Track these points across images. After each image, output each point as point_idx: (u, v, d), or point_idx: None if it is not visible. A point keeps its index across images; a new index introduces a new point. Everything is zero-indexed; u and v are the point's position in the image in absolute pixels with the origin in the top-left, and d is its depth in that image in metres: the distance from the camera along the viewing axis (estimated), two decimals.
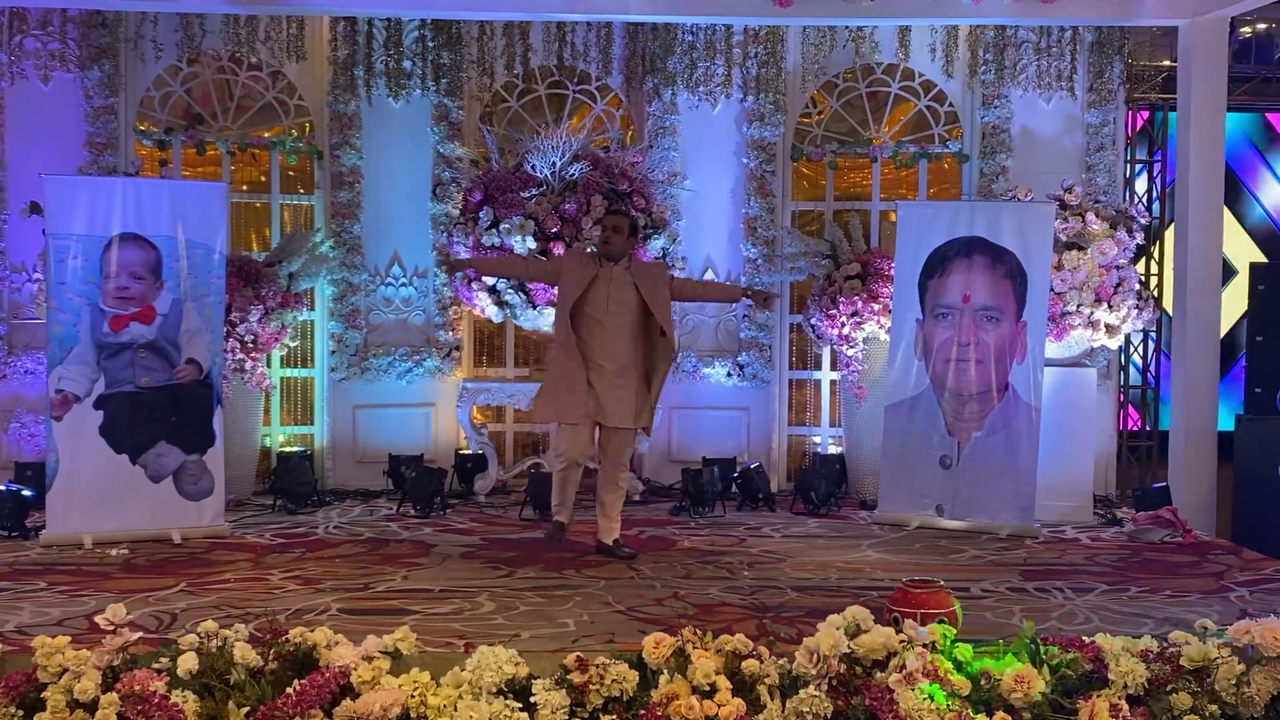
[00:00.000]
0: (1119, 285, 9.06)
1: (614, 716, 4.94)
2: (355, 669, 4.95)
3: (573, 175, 9.29)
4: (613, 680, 4.98)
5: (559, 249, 9.07)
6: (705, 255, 10.24)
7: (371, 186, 10.01)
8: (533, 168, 9.33)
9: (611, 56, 10.27)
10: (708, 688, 4.94)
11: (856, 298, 9.41)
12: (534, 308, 9.25)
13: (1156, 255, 10.76)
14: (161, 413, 8.01)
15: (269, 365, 9.77)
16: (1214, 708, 5.13)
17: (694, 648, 5.08)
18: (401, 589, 6.75)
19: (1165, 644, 5.37)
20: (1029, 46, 10.12)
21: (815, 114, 10.44)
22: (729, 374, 10.17)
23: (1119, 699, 5.06)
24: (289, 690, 4.85)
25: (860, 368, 9.61)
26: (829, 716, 4.94)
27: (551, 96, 10.35)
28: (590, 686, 4.96)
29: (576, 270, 7.59)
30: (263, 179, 10.22)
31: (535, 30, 10.15)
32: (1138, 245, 9.37)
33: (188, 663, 4.95)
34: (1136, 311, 9.22)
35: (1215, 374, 9.58)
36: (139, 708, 4.72)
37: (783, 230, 10.17)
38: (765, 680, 5.04)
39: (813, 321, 9.82)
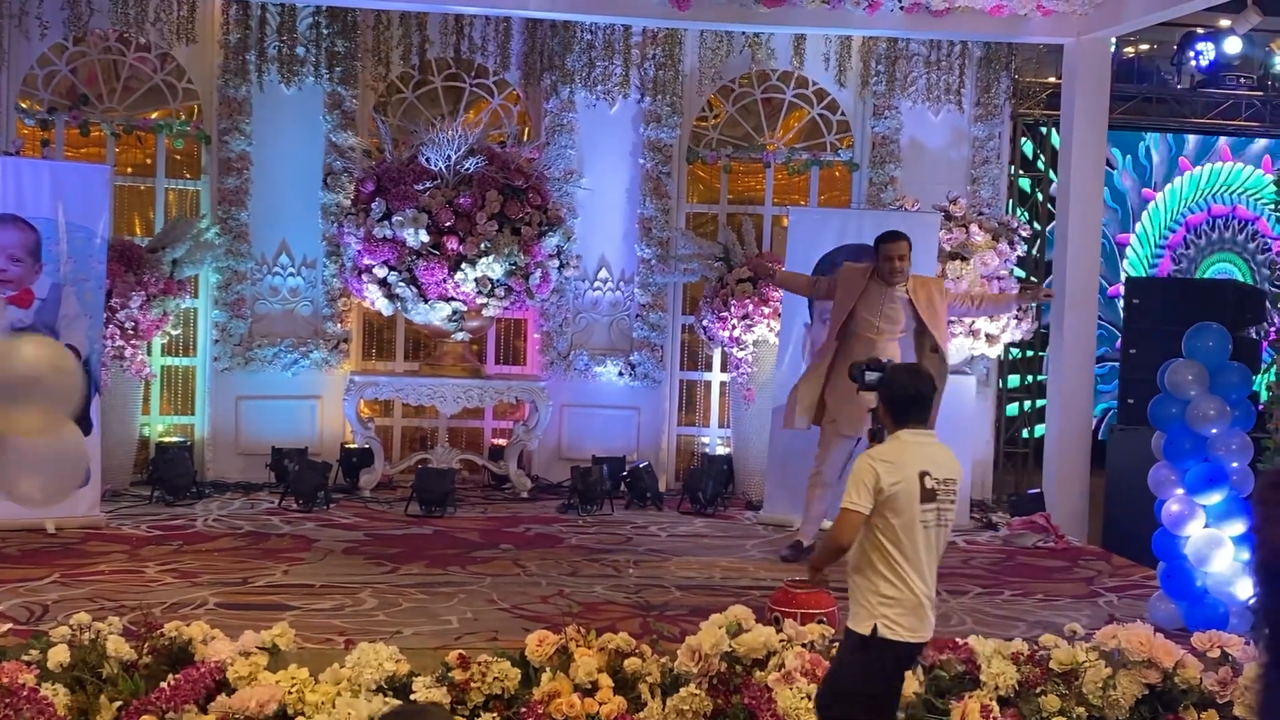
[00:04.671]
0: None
1: (495, 714, 4.95)
2: (232, 664, 4.89)
3: (468, 169, 9.24)
4: (494, 678, 4.99)
5: (452, 243, 9.02)
6: (600, 254, 10.26)
7: (260, 173, 9.84)
8: (427, 160, 9.26)
9: (510, 52, 10.23)
10: (589, 686, 4.97)
11: (748, 301, 9.50)
12: (425, 301, 9.19)
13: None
14: None
15: (149, 353, 9.56)
16: (1081, 710, 5.29)
17: (577, 646, 5.11)
18: (281, 584, 6.66)
19: (1036, 647, 5.52)
20: (919, 59, 10.31)
21: (711, 117, 10.53)
22: (620, 373, 10.20)
23: (990, 700, 5.20)
24: (163, 685, 4.77)
25: (749, 370, 9.71)
26: (709, 714, 5.00)
27: (448, 89, 10.28)
28: (472, 684, 4.96)
29: (852, 283, 7.65)
30: (148, 162, 10.00)
31: (433, 22, 10.08)
32: (1019, 256, 9.60)
33: (59, 655, 4.85)
34: (1016, 322, 9.45)
35: (1090, 383, 9.86)
36: (7, 701, 4.61)
37: (677, 231, 10.23)
38: (647, 678, 5.08)
39: (704, 323, 9.89)
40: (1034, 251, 11.05)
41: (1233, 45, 11.59)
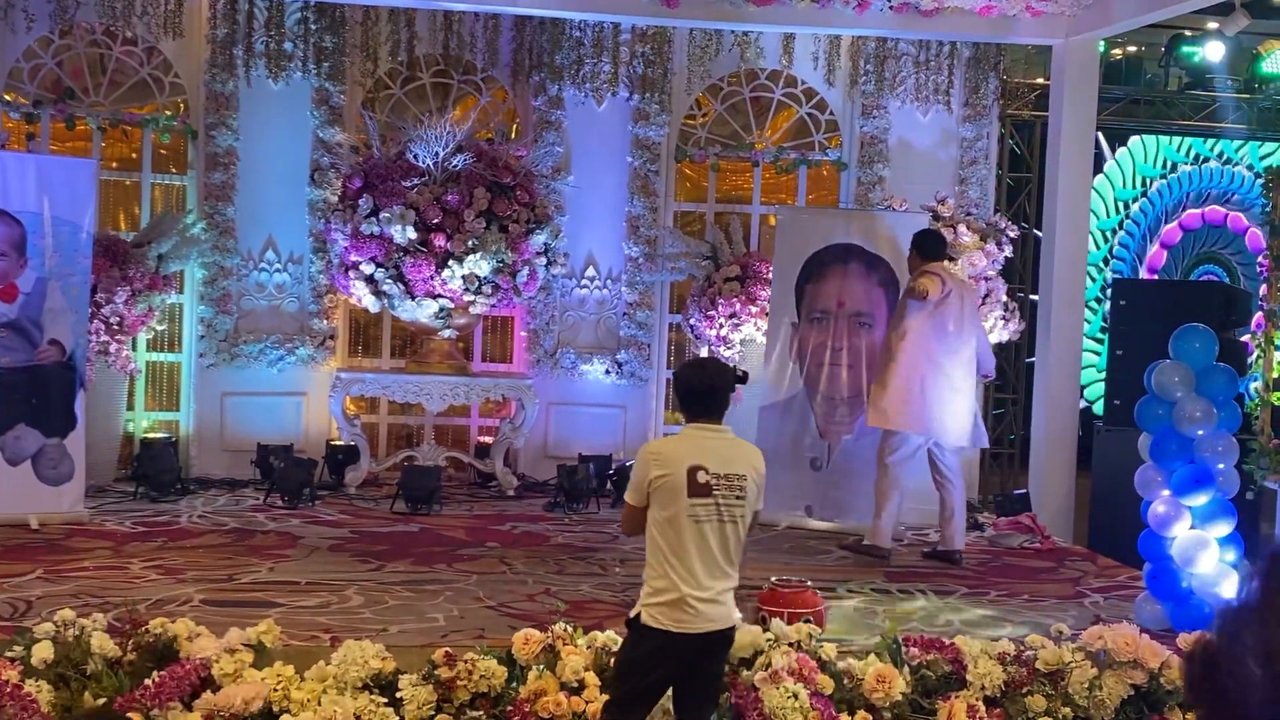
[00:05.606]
0: (987, 296, 9.30)
1: (481, 712, 4.93)
2: (217, 661, 4.86)
3: (456, 166, 9.22)
4: (481, 676, 4.97)
5: (440, 240, 9.01)
6: (588, 252, 10.25)
7: (247, 169, 9.80)
8: (415, 157, 9.23)
9: (498, 48, 10.21)
10: (576, 684, 4.96)
11: (735, 299, 9.50)
12: (412, 298, 9.16)
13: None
14: (21, 394, 7.76)
15: (134, 348, 9.53)
16: (1067, 710, 5.30)
17: (564, 644, 5.10)
18: (267, 581, 6.64)
19: (1022, 647, 5.53)
20: (908, 59, 10.31)
21: (700, 116, 10.52)
22: (607, 371, 10.18)
23: (977, 700, 5.20)
24: (148, 682, 4.75)
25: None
26: None
27: (436, 85, 10.25)
28: (458, 682, 4.94)
29: None
30: (134, 157, 9.95)
31: (421, 18, 10.04)
32: (1006, 257, 9.61)
33: (43, 652, 4.82)
34: (1004, 322, 9.46)
35: (1076, 384, 9.88)
36: None
37: (665, 230, 10.22)
38: None
39: (691, 321, 9.89)
40: (1022, 254, 11.05)
41: (1214, 50, 11.65)
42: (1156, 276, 12.96)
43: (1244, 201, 12.94)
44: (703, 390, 4.36)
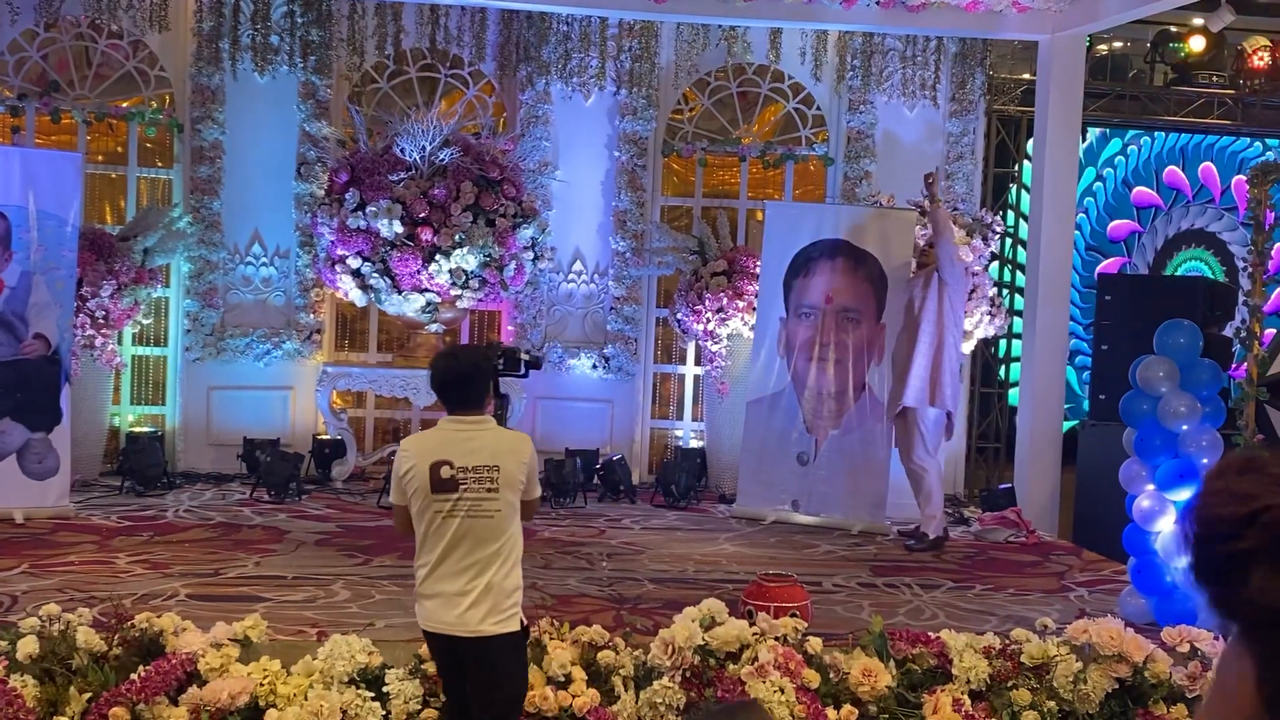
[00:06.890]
0: (973, 291, 9.31)
1: None
2: (203, 656, 4.86)
3: (442, 160, 9.20)
4: None
5: (426, 234, 9.00)
6: (574, 246, 10.25)
7: (233, 162, 9.78)
8: (402, 151, 9.22)
9: (485, 42, 10.19)
10: (563, 678, 4.97)
11: (722, 294, 9.50)
12: (399, 292, 9.15)
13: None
14: (6, 389, 7.74)
15: (120, 343, 9.50)
16: (1052, 704, 5.32)
17: (550, 638, 5.10)
18: (253, 575, 6.63)
19: (1007, 641, 5.55)
20: (895, 54, 10.32)
21: (687, 111, 10.51)
22: (594, 366, 10.18)
23: (962, 694, 5.22)
24: (134, 676, 4.74)
25: (724, 363, 9.72)
26: (682, 708, 5.00)
27: (423, 80, 10.23)
28: None
29: None
30: (119, 150, 9.92)
31: (408, 11, 10.03)
32: (992, 253, 9.63)
33: (28, 647, 4.81)
34: (989, 317, 9.48)
35: (1062, 379, 9.90)
36: None
37: (652, 225, 10.22)
38: (620, 671, 5.08)
39: (679, 316, 9.89)
40: (1009, 251, 11.08)
41: (1197, 44, 11.70)
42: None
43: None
44: (452, 381, 4.24)
